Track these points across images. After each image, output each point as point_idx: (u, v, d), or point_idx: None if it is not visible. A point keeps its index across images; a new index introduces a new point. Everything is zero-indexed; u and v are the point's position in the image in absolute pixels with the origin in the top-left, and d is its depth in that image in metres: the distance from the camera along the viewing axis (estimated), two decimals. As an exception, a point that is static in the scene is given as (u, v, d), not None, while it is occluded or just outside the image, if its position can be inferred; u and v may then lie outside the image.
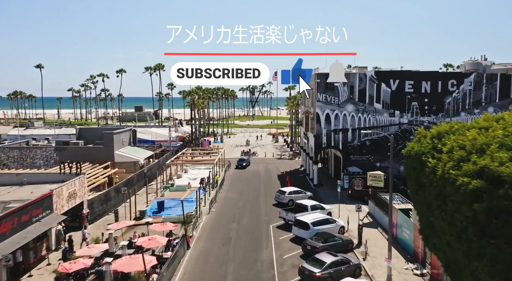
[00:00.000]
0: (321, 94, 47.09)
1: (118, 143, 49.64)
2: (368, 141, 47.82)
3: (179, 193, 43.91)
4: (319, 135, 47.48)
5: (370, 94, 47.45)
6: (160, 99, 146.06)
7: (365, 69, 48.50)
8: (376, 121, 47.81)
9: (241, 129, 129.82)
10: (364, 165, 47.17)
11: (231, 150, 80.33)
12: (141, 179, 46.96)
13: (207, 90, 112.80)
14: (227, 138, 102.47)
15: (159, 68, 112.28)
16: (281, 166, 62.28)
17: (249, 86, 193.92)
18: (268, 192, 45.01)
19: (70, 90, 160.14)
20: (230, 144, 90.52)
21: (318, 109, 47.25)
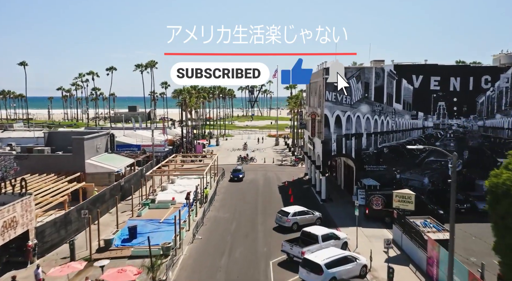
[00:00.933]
0: (330, 92, 39.62)
1: (91, 150, 42.16)
2: (386, 148, 40.33)
3: (160, 212, 36.45)
4: (328, 141, 40.01)
5: (388, 93, 39.96)
6: (153, 99, 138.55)
7: (382, 63, 41.00)
8: (395, 125, 40.32)
9: (239, 131, 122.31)
10: (381, 177, 39.76)
11: (227, 155, 72.82)
12: (116, 193, 39.49)
13: (203, 89, 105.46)
14: (224, 141, 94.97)
15: (151, 65, 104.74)
16: (282, 174, 54.78)
17: (248, 86, 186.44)
18: (268, 209, 37.55)
19: (59, 89, 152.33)
20: (227, 147, 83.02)
21: (327, 111, 39.79)
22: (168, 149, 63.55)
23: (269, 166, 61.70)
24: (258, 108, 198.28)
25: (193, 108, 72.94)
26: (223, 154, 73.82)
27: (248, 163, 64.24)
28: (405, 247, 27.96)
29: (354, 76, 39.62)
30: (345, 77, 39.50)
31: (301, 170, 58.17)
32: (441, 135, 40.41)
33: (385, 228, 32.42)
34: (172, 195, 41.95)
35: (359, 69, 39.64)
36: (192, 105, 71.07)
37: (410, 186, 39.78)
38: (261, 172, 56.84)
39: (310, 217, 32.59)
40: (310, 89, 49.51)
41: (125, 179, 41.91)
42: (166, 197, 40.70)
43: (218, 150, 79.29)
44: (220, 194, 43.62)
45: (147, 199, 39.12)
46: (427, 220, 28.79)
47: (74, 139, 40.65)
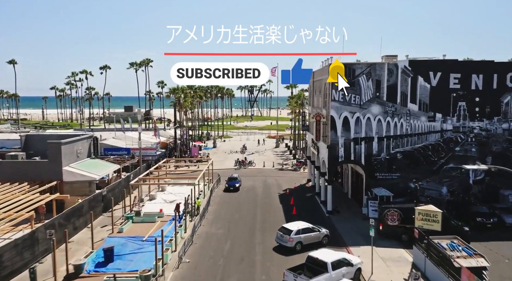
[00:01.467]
0: (338, 91, 35.28)
1: (70, 156, 37.82)
2: (399, 153, 35.99)
3: (145, 226, 32.14)
4: (335, 146, 35.68)
5: (402, 92, 35.63)
6: (150, 98, 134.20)
7: (395, 58, 36.66)
8: (410, 128, 35.98)
9: (238, 131, 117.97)
10: (394, 186, 35.46)
11: (224, 158, 68.48)
12: (97, 205, 35.21)
13: (199, 88, 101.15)
14: (221, 143, 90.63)
15: (146, 63, 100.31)
16: (283, 180, 50.45)
17: (247, 85, 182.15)
18: (267, 223, 33.24)
19: (53, 88, 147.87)
20: (224, 150, 78.68)
21: (333, 112, 35.46)
22: (161, 152, 59.20)
23: (269, 171, 57.37)
24: (258, 108, 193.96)
25: (188, 108, 68.60)
26: (220, 157, 69.51)
27: (246, 167, 59.92)
28: (429, 273, 23.62)
29: (364, 73, 35.30)
30: (354, 74, 35.25)
31: (303, 175, 53.83)
32: (462, 139, 36.05)
33: (402, 247, 28.10)
34: (160, 205, 37.68)
35: (369, 65, 35.32)
36: (187, 105, 66.74)
37: (427, 196, 35.57)
38: (260, 177, 52.49)
39: (316, 235, 28.25)
40: (314, 88, 45.18)
41: (108, 188, 37.56)
42: (153, 209, 36.40)
43: (215, 153, 75.03)
44: (214, 204, 39.27)
45: (131, 211, 34.76)
46: (454, 241, 24.48)
47: (49, 144, 36.29)
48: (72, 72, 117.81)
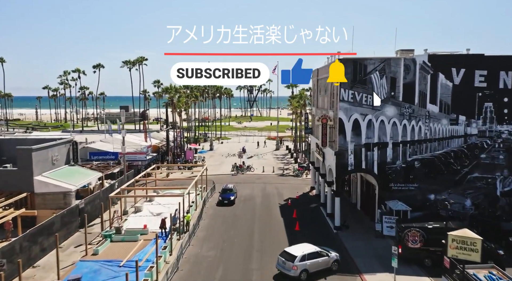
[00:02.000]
0: (347, 90, 30.93)
1: (43, 163, 33.42)
2: (417, 161, 31.60)
3: (126, 247, 27.80)
4: (343, 152, 31.29)
5: (421, 91, 31.26)
6: (146, 98, 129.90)
7: (411, 53, 32.26)
8: (430, 132, 31.61)
9: (236, 132, 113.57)
10: (410, 198, 31.14)
11: (221, 162, 64.08)
12: (73, 220, 30.85)
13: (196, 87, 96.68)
14: (219, 145, 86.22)
15: (140, 62, 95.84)
16: (284, 188, 46.07)
17: (247, 84, 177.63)
18: (267, 243, 28.88)
19: (45, 88, 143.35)
20: (221, 152, 74.27)
21: (342, 114, 31.08)
22: (152, 157, 54.77)
23: (268, 177, 52.95)
24: (257, 108, 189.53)
25: (182, 108, 64.17)
26: (216, 161, 65.12)
27: (244, 172, 55.52)
28: (465, 313, 19.26)
29: (377, 70, 30.93)
30: (366, 71, 30.89)
31: (306, 182, 49.45)
32: (488, 145, 31.66)
33: (426, 275, 23.78)
34: (146, 219, 33.34)
35: (383, 61, 30.92)
36: (181, 105, 62.31)
37: (449, 210, 31.22)
38: (259, 184, 48.07)
39: (324, 261, 23.87)
40: (318, 87, 40.80)
41: (86, 200, 33.17)
42: (138, 224, 32.01)
43: (212, 156, 70.64)
44: (207, 218, 34.87)
45: (110, 227, 30.34)
46: (492, 272, 20.13)
47: (18, 150, 31.89)
48: (64, 71, 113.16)
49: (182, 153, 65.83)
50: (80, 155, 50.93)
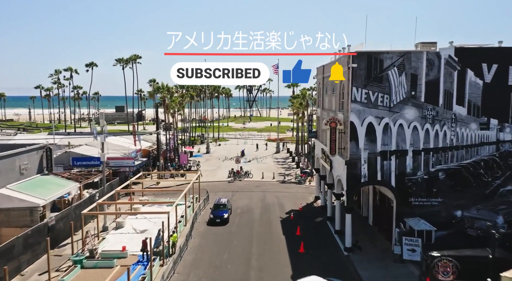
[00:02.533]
0: (360, 89, 26.50)
1: (8, 173, 29.07)
2: (441, 172, 27.16)
3: (98, 276, 23.35)
4: (356, 162, 26.84)
5: (446, 90, 26.82)
6: (142, 98, 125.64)
7: (433, 46, 27.75)
8: (456, 138, 27.16)
9: (235, 134, 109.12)
10: (434, 215, 26.76)
11: (217, 166, 59.63)
12: (40, 241, 26.39)
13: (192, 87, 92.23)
14: (216, 147, 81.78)
15: (134, 60, 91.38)
16: (285, 197, 41.65)
17: (246, 84, 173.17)
18: (266, 270, 24.43)
19: (37, 87, 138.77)
20: (218, 156, 69.81)
21: (354, 116, 26.65)
22: (141, 162, 50.31)
23: (268, 184, 48.48)
24: (257, 108, 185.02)
25: (176, 109, 59.67)
26: (213, 165, 60.68)
27: (242, 179, 51.05)
28: None
29: (395, 66, 26.48)
30: (382, 66, 26.45)
31: (309, 190, 45.03)
32: (524, 153, 27.23)
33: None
34: (127, 238, 28.92)
35: (402, 55, 26.46)
36: (174, 106, 57.83)
37: (477, 228, 26.79)
38: (258, 193, 43.60)
39: (337, 299, 19.42)
40: (324, 86, 36.34)
41: (58, 216, 28.72)
42: (116, 244, 27.59)
43: (208, 159, 66.21)
44: (197, 236, 30.40)
45: (82, 251, 25.85)
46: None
47: (-24, 159, 27.45)
48: (55, 69, 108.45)
49: (176, 157, 61.38)
50: (62, 160, 46.67)
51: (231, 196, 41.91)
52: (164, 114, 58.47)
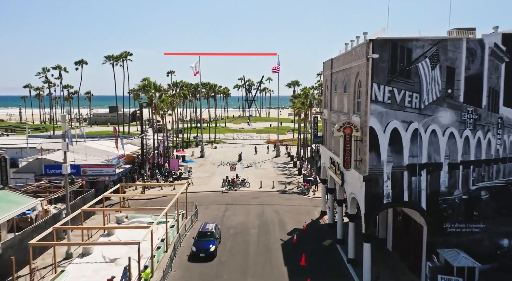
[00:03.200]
0: (382, 87, 20.96)
1: None
2: (484, 191, 21.61)
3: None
4: (376, 178, 21.31)
5: (491, 87, 21.28)
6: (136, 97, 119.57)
7: (472, 32, 22.16)
8: (503, 147, 21.62)
9: (233, 135, 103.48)
10: (473, 244, 21.32)
11: (211, 173, 54.06)
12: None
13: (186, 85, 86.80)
14: (211, 150, 76.23)
15: (125, 57, 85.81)
16: (287, 212, 36.13)
17: (244, 83, 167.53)
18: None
19: (26, 87, 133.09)
20: (213, 160, 64.27)
21: (375, 121, 21.11)
22: (124, 170, 44.71)
23: (267, 195, 42.91)
24: (256, 108, 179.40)
25: (165, 110, 54.06)
26: (206, 171, 55.13)
27: (238, 188, 45.46)
28: None
29: (427, 56, 20.92)
30: (411, 58, 20.91)
31: (314, 203, 39.52)
32: None
33: None
34: (93, 269, 23.36)
35: (435, 43, 20.91)
36: (163, 106, 52.24)
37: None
38: (256, 207, 38.03)
39: None
40: (333, 83, 30.80)
41: (6, 244, 23.17)
42: (77, 278, 22.00)
43: (202, 164, 60.68)
44: (178, 268, 24.73)
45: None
46: None
47: None
48: (43, 68, 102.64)
49: (166, 163, 55.83)
50: (33, 168, 41.20)
51: (224, 211, 36.40)
52: (152, 115, 52.93)
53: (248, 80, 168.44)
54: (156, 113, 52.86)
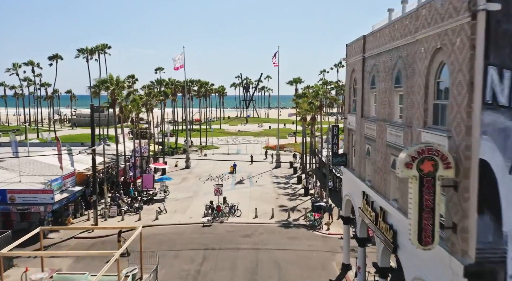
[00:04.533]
0: (508, 73, 9.38)
1: None
2: None
3: None
4: (494, 270, 9.80)
5: None
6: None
7: None
8: None
9: (227, 139, 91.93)
10: None
11: (194, 192, 42.58)
12: None
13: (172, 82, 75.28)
14: (200, 160, 64.77)
15: (101, 50, 74.19)
16: (292, 264, 24.72)
17: (242, 82, 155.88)
18: None
19: (1, 85, 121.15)
20: (200, 173, 52.86)
21: (491, 147, 9.58)
22: (69, 195, 32.99)
23: (264, 231, 31.37)
24: (255, 108, 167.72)
25: (134, 112, 42.55)
26: (188, 190, 43.70)
27: (224, 219, 33.90)
28: None
29: None
30: None
31: (329, 244, 28.11)
32: None
33: None
34: None
35: None
36: (132, 108, 40.73)
37: None
38: (247, 255, 26.48)
39: None
40: (367, 73, 19.33)
41: None
42: None
43: (185, 179, 49.35)
44: None
45: None
46: None
47: None
48: (13, 63, 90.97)
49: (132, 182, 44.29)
50: None
51: (199, 263, 24.92)
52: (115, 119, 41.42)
53: (246, 78, 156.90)
54: (124, 116, 41.34)
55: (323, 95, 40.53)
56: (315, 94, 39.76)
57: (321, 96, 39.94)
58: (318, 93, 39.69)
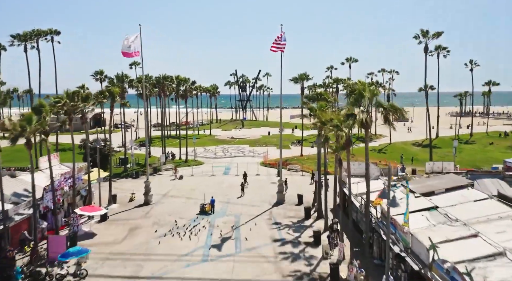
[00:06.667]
0: None
1: None
2: None
3: None
4: None
5: None
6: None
7: None
8: None
9: (216, 149, 73.53)
10: None
11: (137, 269, 24.01)
12: None
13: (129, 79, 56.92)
14: (173, 183, 46.45)
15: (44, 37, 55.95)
16: None
17: (237, 80, 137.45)
18: None
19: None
20: (162, 215, 34.79)
21: None
22: None
23: None
24: (252, 109, 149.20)
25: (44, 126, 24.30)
26: (124, 266, 25.08)
27: None
28: None
29: None
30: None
31: None
32: None
33: None
34: None
35: None
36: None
37: None
38: None
39: None
40: None
41: None
42: None
43: (133, 231, 31.09)
44: None
45: None
46: None
47: None
48: None
49: (36, 243, 26.01)
50: None
51: None
52: None
53: (242, 76, 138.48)
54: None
55: (374, 101, 20.81)
56: (356, 97, 20.46)
57: (368, 101, 20.66)
58: (363, 95, 20.26)
